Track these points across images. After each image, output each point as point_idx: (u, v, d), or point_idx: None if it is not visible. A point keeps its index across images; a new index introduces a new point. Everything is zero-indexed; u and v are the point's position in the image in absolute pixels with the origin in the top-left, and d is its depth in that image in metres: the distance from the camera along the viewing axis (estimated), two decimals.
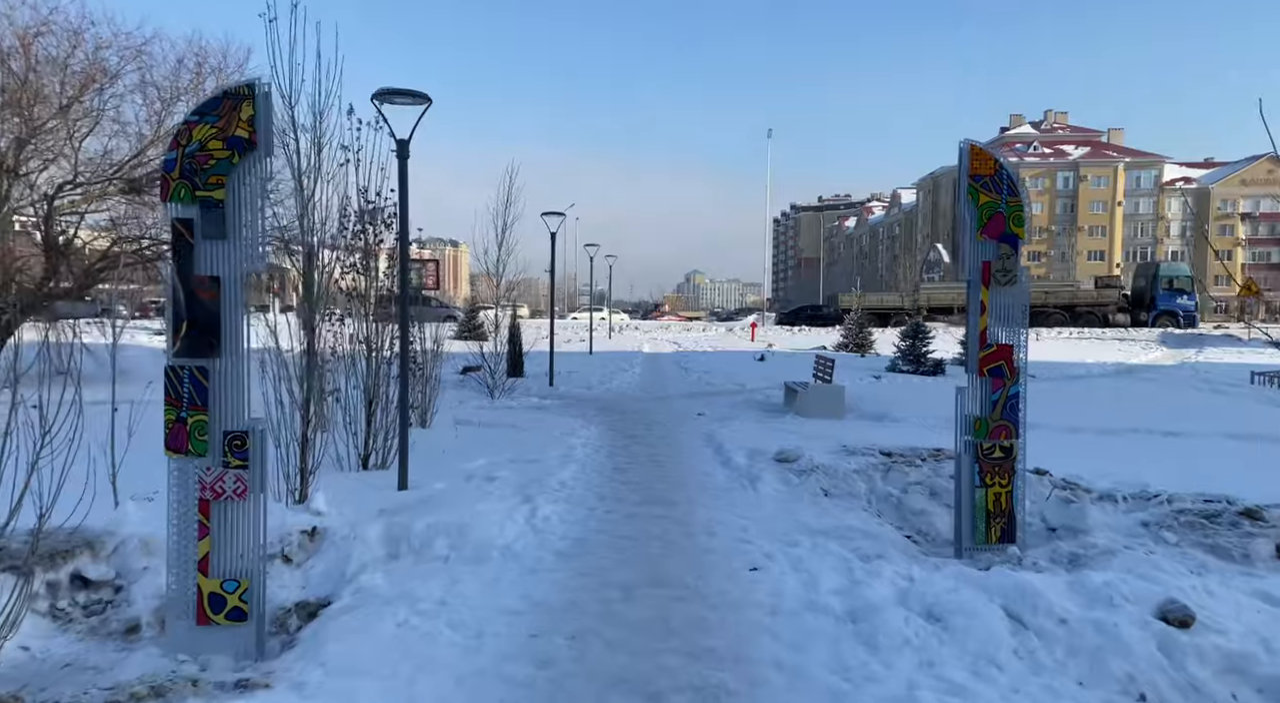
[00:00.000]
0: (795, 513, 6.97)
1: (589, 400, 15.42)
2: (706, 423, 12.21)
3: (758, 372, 20.73)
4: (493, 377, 15.14)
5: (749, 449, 9.28)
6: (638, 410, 13.87)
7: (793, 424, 11.63)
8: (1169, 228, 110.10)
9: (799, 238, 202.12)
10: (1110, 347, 34.83)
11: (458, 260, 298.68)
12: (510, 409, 13.76)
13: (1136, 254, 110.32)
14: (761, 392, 16.64)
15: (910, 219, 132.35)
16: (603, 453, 9.61)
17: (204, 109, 4.68)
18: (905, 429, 11.08)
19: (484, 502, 6.86)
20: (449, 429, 10.66)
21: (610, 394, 16.69)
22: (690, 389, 17.69)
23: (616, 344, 32.11)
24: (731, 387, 17.90)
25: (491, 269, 15.29)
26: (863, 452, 9.03)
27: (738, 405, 14.68)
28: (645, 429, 11.60)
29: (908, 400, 14.23)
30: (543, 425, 11.29)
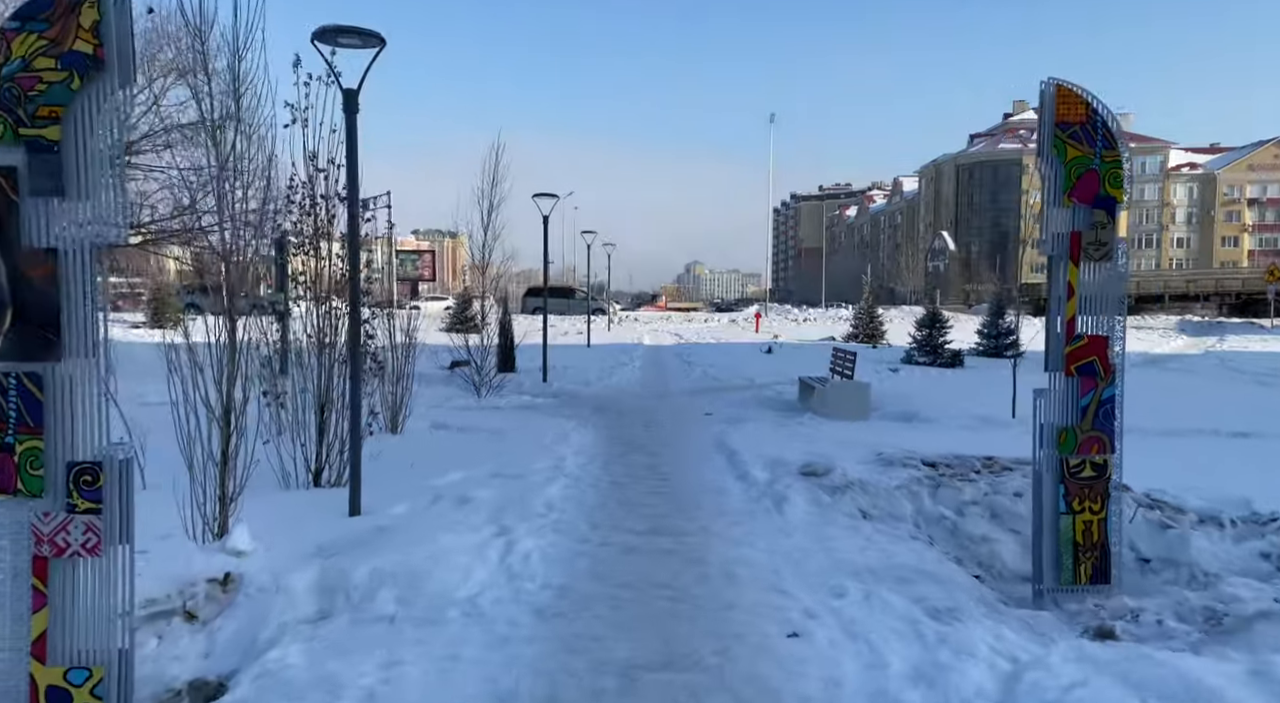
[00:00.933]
0: (834, 545, 5.66)
1: (585, 399, 14.10)
2: (715, 424, 10.91)
3: (766, 365, 19.41)
4: (479, 373, 13.82)
5: (768, 459, 7.97)
6: (638, 410, 12.56)
7: (812, 426, 10.32)
8: (1174, 214, 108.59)
9: (799, 228, 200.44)
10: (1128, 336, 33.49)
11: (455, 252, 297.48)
12: (497, 409, 12.45)
13: (1141, 241, 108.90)
14: (772, 388, 15.33)
15: (913, 207, 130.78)
16: (598, 464, 8.30)
17: (27, 12, 3.33)
18: (941, 432, 9.77)
19: (450, 533, 5.55)
20: (424, 435, 9.36)
21: (608, 391, 15.37)
22: (694, 385, 16.38)
23: (616, 336, 30.78)
24: (739, 382, 16.58)
25: (477, 255, 13.94)
26: (902, 461, 7.72)
27: (748, 403, 13.36)
28: (646, 433, 10.29)
29: (935, 397, 12.92)
30: (531, 429, 9.98)
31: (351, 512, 6.21)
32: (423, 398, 13.28)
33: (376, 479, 6.71)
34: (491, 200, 13.70)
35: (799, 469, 7.41)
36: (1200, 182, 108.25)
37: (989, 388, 15.23)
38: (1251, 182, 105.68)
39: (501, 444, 9.03)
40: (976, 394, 13.71)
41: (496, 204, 13.76)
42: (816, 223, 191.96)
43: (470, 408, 12.52)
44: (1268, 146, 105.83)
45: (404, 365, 9.67)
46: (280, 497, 6.66)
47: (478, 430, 9.88)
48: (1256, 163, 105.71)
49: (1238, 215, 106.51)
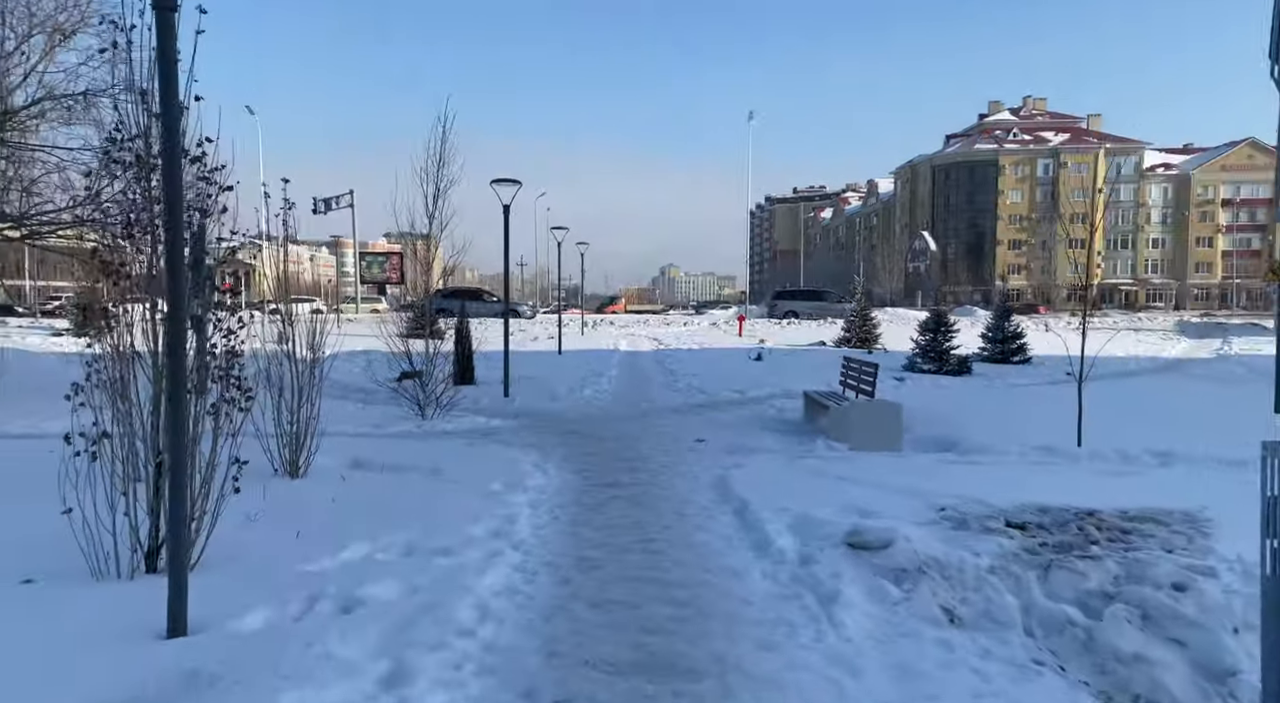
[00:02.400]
0: (930, 688, 3.53)
1: (551, 419, 11.88)
2: (712, 455, 8.76)
3: (757, 374, 17.30)
4: (424, 390, 11.56)
5: (793, 516, 5.83)
6: (615, 436, 10.36)
7: (834, 460, 8.19)
8: (1150, 215, 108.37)
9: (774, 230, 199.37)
10: (1127, 338, 31.88)
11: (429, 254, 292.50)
12: (444, 436, 10.20)
13: (1117, 242, 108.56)
14: (770, 404, 13.21)
15: (888, 209, 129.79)
16: (561, 525, 6.10)
17: None
18: (1000, 468, 7.68)
19: (307, 688, 3.35)
20: (333, 480, 7.10)
21: (580, 409, 13.16)
22: (680, 399, 14.21)
23: (590, 341, 28.54)
24: (730, 396, 14.44)
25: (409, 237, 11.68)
26: (977, 521, 5.61)
27: (746, 425, 11.22)
28: (627, 471, 8.09)
29: (966, 415, 10.86)
30: (479, 467, 7.74)
31: (171, 630, 3.98)
32: (354, 422, 11.02)
33: (239, 558, 4.54)
34: (438, 184, 11.48)
35: (843, 537, 5.26)
36: (1174, 182, 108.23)
37: (1020, 402, 13.22)
38: (1225, 182, 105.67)
39: (435, 492, 6.80)
40: (1011, 411, 11.69)
41: (444, 188, 11.54)
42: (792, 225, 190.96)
43: (409, 435, 10.26)
44: (1241, 147, 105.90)
45: (309, 387, 7.40)
46: (74, 597, 4.41)
47: (409, 470, 7.64)
48: (1230, 163, 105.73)
49: (1211, 216, 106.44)
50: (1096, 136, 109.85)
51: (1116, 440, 8.85)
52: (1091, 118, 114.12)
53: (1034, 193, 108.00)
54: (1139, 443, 8.80)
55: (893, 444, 8.70)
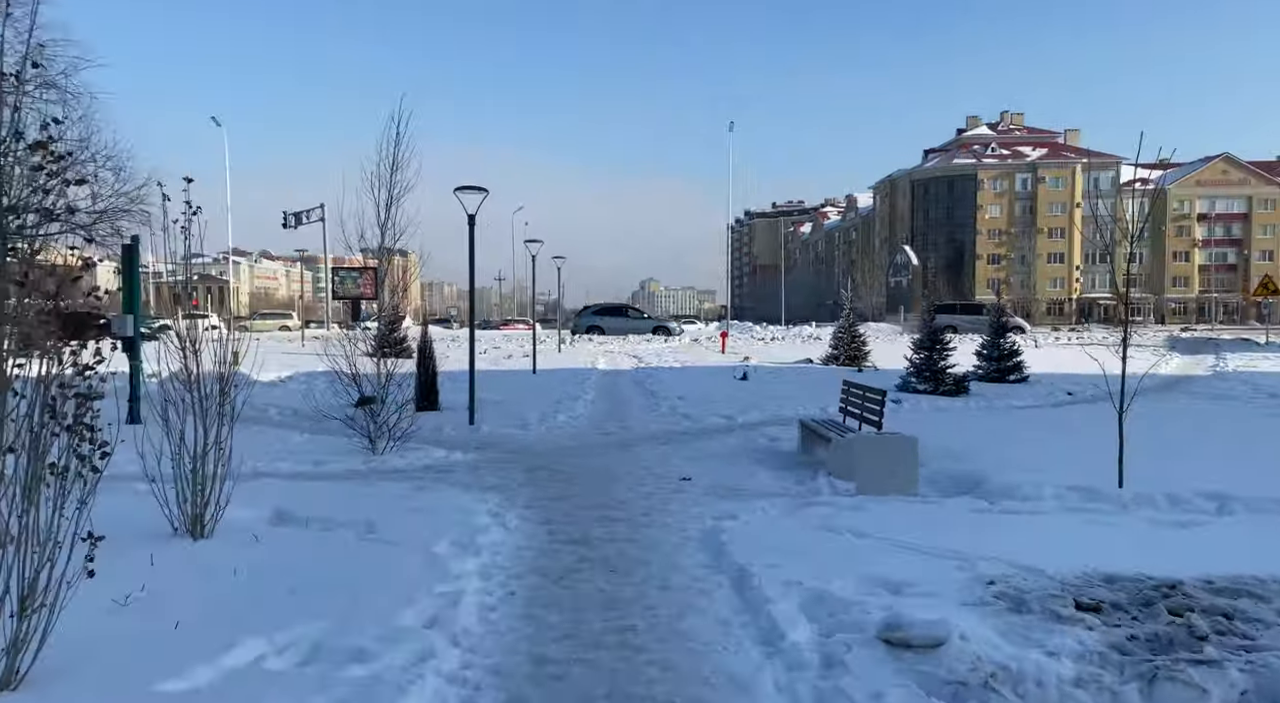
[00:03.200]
0: None
1: (519, 451, 10.64)
2: (700, 499, 7.57)
3: (744, 396, 16.16)
4: (374, 420, 10.29)
5: (806, 592, 4.66)
6: (590, 472, 9.15)
7: (846, 508, 7.00)
8: (1127, 229, 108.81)
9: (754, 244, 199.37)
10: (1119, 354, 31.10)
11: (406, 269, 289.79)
12: (393, 476, 8.94)
13: (1095, 256, 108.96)
14: (761, 431, 12.04)
15: (868, 223, 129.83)
16: (517, 605, 4.88)
17: None
18: (1040, 519, 6.54)
19: None
20: (243, 540, 5.84)
21: (552, 438, 11.93)
22: (663, 426, 13.00)
23: (567, 360, 27.30)
24: (717, 421, 13.27)
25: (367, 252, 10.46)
26: (1039, 600, 4.46)
27: (737, 457, 10.04)
28: (601, 521, 6.88)
29: (978, 444, 9.72)
30: (424, 522, 6.50)
31: None
32: (295, 457, 9.74)
33: (83, 668, 3.44)
34: (391, 190, 10.27)
35: (876, 629, 4.08)
36: (1151, 197, 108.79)
37: (1033, 430, 12.13)
38: (1200, 197, 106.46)
39: (365, 558, 5.56)
40: (1027, 441, 10.60)
41: (397, 196, 10.33)
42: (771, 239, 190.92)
43: (353, 474, 8.99)
44: (1215, 162, 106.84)
45: (217, 424, 6.13)
46: None
47: (340, 525, 6.38)
48: (1205, 179, 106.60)
49: (1188, 230, 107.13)
50: (1073, 151, 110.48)
51: (1155, 477, 7.78)
52: (1069, 133, 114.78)
53: (1012, 207, 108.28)
54: (1182, 481, 7.73)
55: (907, 486, 7.56)
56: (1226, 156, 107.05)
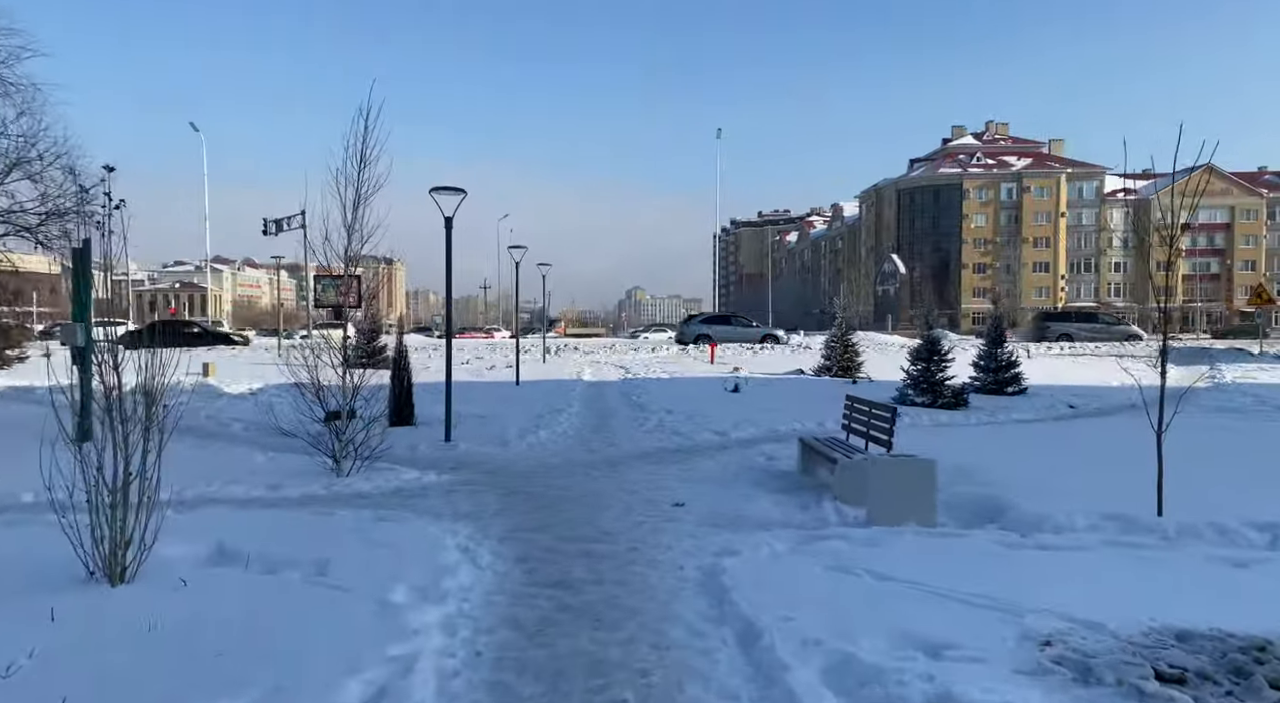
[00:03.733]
0: None
1: (497, 472, 9.84)
2: (696, 529, 6.81)
3: (736, 410, 15.42)
4: (339, 439, 9.47)
5: (828, 656, 3.90)
6: (574, 497, 8.36)
7: (861, 543, 6.22)
8: (1111, 239, 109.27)
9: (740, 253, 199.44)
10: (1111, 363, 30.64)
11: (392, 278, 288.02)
12: (355, 501, 8.11)
13: (1080, 266, 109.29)
14: (757, 447, 11.30)
15: (854, 232, 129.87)
16: (483, 672, 4.08)
17: None
18: (1083, 554, 5.79)
19: None
20: (167, 587, 5.03)
21: (534, 456, 11.13)
22: (652, 442, 12.23)
23: (551, 370, 26.49)
24: (709, 438, 12.52)
25: (333, 259, 9.65)
26: (1109, 668, 3.72)
27: (733, 478, 9.28)
28: (584, 556, 6.10)
29: (992, 464, 9.01)
30: (384, 559, 5.69)
31: None
32: (250, 480, 8.91)
33: None
34: (359, 189, 9.47)
35: None
36: (1135, 207, 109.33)
37: (1046, 446, 11.44)
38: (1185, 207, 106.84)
39: (310, 609, 4.75)
40: (1043, 459, 9.92)
41: (365, 195, 9.53)
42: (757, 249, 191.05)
43: (312, 500, 8.16)
44: (1199, 172, 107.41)
45: (140, 445, 5.29)
46: None
47: (287, 564, 5.57)
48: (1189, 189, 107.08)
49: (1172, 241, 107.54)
50: (1058, 161, 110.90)
51: (1192, 502, 7.09)
52: (1053, 143, 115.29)
53: (998, 216, 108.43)
54: (1224, 508, 7.05)
55: (925, 515, 6.81)
56: (1210, 167, 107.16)
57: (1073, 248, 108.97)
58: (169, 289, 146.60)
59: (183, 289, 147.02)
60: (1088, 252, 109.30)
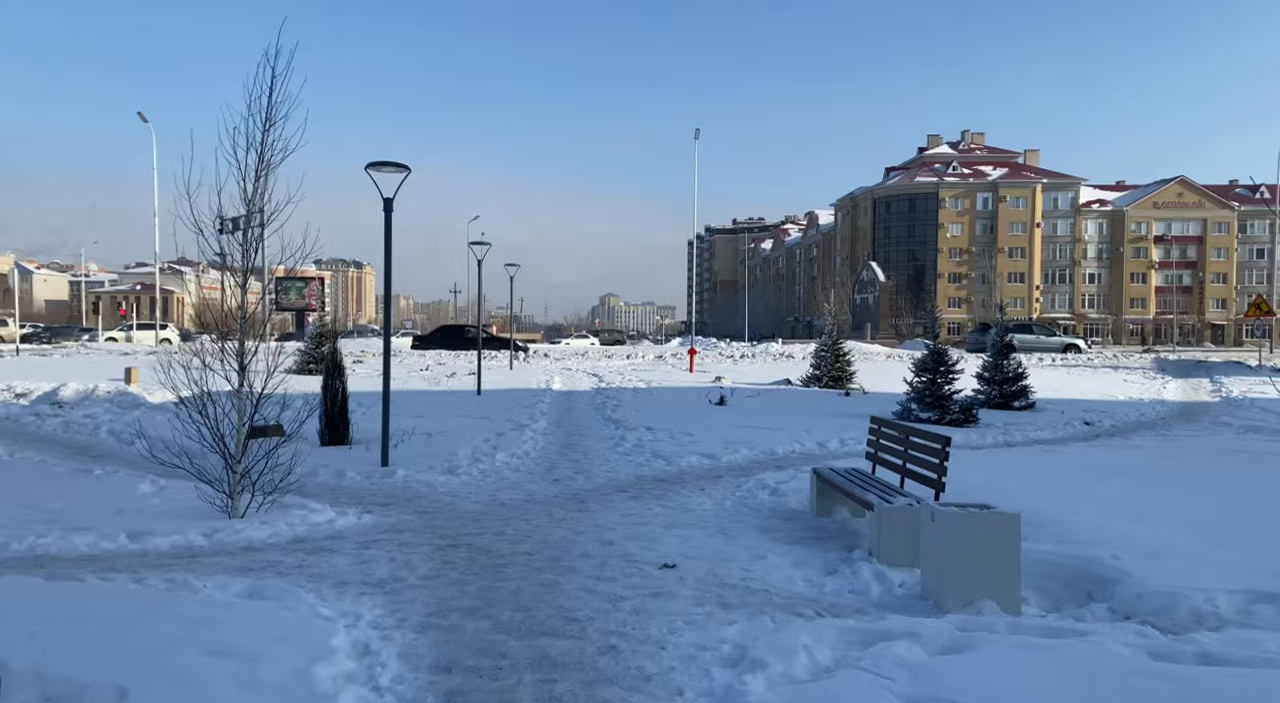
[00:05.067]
0: None
1: (437, 512, 7.84)
2: (695, 616, 4.87)
3: (725, 427, 13.53)
4: (233, 466, 7.42)
5: None
6: (530, 555, 6.37)
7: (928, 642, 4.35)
8: (1086, 250, 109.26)
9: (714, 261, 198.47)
10: (1110, 377, 29.21)
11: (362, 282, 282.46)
12: (237, 557, 6.08)
13: (1056, 276, 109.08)
14: (756, 478, 9.38)
15: (829, 240, 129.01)
16: None
17: None
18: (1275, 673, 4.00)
19: None
20: None
21: (486, 488, 9.13)
22: (630, 469, 10.26)
23: (519, 378, 24.46)
24: (697, 462, 10.60)
25: (225, 247, 7.58)
26: None
27: (733, 523, 7.35)
28: (539, 668, 4.12)
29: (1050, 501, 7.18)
30: (228, 675, 3.73)
31: None
32: (116, 522, 6.84)
33: None
34: (262, 152, 7.44)
35: None
36: (1109, 218, 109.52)
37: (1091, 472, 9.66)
38: (1157, 219, 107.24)
39: None
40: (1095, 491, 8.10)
41: (272, 161, 7.49)
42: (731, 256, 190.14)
43: (180, 556, 6.10)
44: (1171, 185, 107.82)
45: None
46: None
47: (66, 698, 3.57)
48: (1161, 200, 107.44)
49: (1145, 252, 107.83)
50: (1033, 171, 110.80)
51: None
52: (1029, 153, 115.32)
53: (973, 226, 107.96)
54: None
55: (1006, 592, 4.92)
56: (1182, 180, 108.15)
57: (1048, 258, 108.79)
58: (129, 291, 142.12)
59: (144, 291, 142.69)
60: (1062, 262, 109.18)
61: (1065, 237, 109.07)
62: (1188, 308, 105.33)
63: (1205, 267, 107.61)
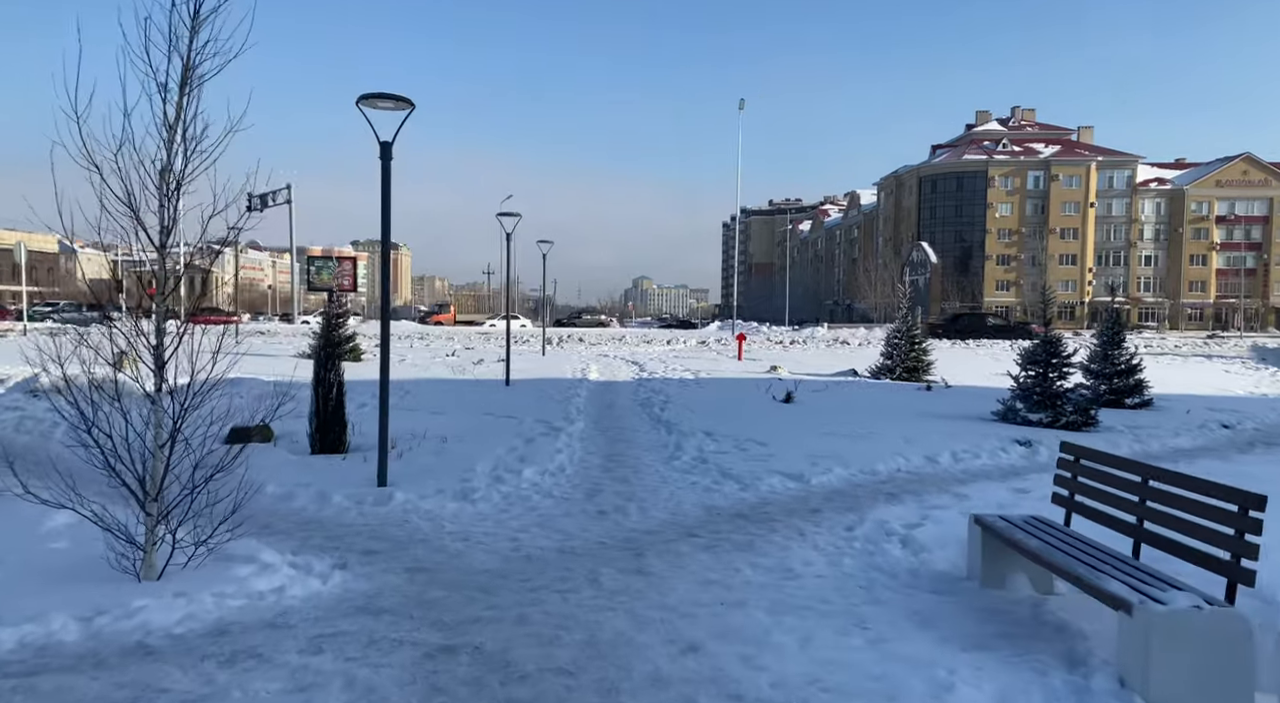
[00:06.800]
0: None
1: (435, 574, 5.55)
2: None
3: (801, 432, 11.12)
4: (146, 506, 5.20)
5: None
6: (570, 670, 4.07)
7: None
8: (1143, 231, 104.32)
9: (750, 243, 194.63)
10: (1208, 368, 26.26)
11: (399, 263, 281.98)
12: (122, 667, 3.89)
13: (1110, 258, 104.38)
14: (865, 511, 6.97)
15: (871, 221, 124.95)
16: None
17: None
18: None
19: None
20: None
21: (506, 529, 6.80)
22: (694, 497, 7.86)
23: (551, 366, 22.22)
24: (780, 486, 8.20)
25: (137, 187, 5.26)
26: None
27: (870, 604, 4.95)
28: None
29: None
30: None
31: None
32: None
33: None
34: (188, 59, 5.15)
35: None
36: (1168, 197, 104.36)
37: None
38: (1220, 198, 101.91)
39: None
40: None
41: (200, 69, 5.20)
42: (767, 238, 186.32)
43: (23, 668, 3.91)
44: (1236, 162, 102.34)
45: None
46: None
47: None
48: (1224, 179, 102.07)
49: (1206, 233, 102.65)
50: (1088, 149, 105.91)
51: None
52: (1083, 130, 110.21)
53: (1023, 206, 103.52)
54: None
55: None
56: (1248, 157, 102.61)
57: (1101, 239, 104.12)
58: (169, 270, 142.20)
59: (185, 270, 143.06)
60: (1117, 243, 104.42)
61: (1120, 217, 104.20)
62: (1251, 292, 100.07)
63: (1271, 248, 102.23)
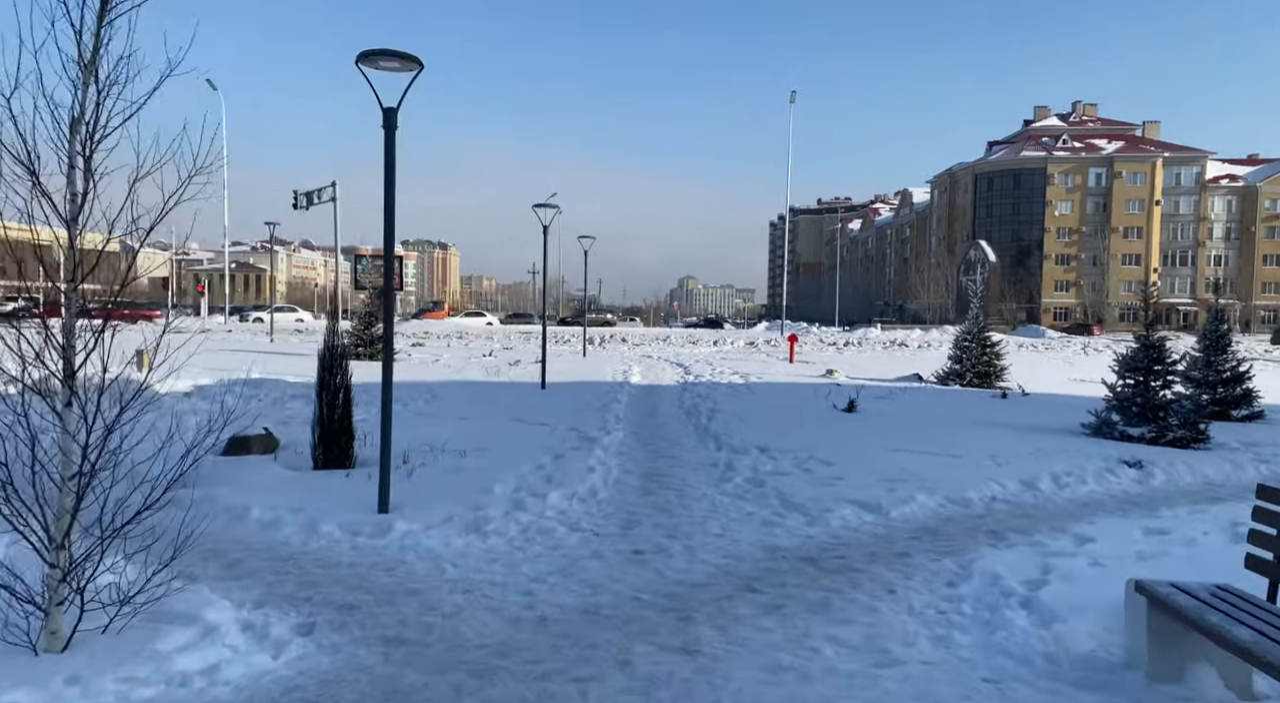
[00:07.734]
0: None
1: (416, 649, 4.30)
2: None
3: (869, 446, 9.70)
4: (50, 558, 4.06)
5: None
6: None
7: None
8: (1212, 229, 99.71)
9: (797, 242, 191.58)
10: None
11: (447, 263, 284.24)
12: None
13: (1176, 258, 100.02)
14: (967, 559, 5.57)
15: (923, 220, 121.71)
16: None
17: None
18: None
19: None
20: None
21: (520, 577, 5.54)
22: (751, 533, 6.50)
23: (591, 368, 21.02)
24: (854, 519, 6.80)
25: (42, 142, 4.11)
26: None
27: None
28: None
29: None
30: None
31: None
32: None
33: None
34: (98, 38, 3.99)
35: None
36: (1240, 195, 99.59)
37: None
38: None
39: None
40: None
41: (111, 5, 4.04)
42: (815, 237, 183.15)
43: None
44: None
45: None
46: None
47: None
48: None
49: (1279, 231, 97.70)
50: (1153, 145, 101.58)
51: None
52: (1148, 125, 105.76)
53: (1084, 204, 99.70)
54: None
55: None
56: None
57: (1167, 239, 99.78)
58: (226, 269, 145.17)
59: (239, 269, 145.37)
60: (1184, 243, 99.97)
61: (1188, 215, 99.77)
62: None
63: None
